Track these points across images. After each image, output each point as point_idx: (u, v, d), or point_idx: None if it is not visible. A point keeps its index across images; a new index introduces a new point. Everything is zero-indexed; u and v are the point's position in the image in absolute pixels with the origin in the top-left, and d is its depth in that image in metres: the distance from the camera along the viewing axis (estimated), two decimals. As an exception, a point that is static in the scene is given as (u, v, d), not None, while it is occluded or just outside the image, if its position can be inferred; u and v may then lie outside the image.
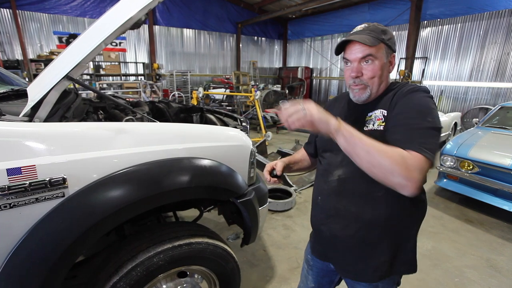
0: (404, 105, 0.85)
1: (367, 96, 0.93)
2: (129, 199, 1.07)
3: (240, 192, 1.46)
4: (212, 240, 1.38)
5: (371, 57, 0.89)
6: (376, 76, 0.91)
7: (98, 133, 1.11)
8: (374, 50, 0.88)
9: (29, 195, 0.94)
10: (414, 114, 0.82)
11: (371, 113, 0.93)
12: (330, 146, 1.00)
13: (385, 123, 0.88)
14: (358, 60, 0.90)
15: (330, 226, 1.01)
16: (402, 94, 0.88)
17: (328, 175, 1.01)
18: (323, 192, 1.04)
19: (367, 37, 0.87)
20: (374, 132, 0.88)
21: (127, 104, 2.13)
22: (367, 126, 0.92)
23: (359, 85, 0.92)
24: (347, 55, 0.92)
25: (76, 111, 1.41)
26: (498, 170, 2.97)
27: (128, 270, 1.16)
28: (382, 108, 0.91)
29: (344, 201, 0.96)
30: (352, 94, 0.96)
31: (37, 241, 0.96)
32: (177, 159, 1.25)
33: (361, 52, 0.89)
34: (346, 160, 0.87)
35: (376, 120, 0.90)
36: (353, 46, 0.90)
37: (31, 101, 1.05)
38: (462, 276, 2.22)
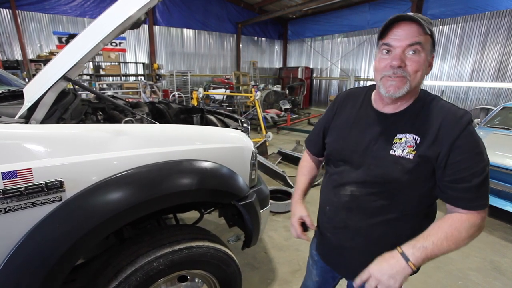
0: (464, 154, 0.76)
1: (404, 92, 0.80)
2: (128, 203, 1.05)
3: (242, 194, 1.44)
4: (213, 244, 1.36)
5: (419, 46, 0.76)
6: (419, 71, 0.79)
7: (96, 135, 1.09)
8: (424, 39, 0.77)
9: (25, 199, 0.92)
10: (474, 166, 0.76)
11: (402, 136, 0.83)
12: (347, 158, 0.94)
13: (415, 152, 0.80)
14: (404, 47, 0.77)
15: (337, 236, 0.99)
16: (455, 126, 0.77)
17: (340, 188, 0.95)
18: (332, 203, 0.99)
19: (422, 23, 0.75)
20: (402, 159, 0.81)
21: (126, 105, 2.11)
22: (394, 151, 0.83)
23: (400, 76, 0.79)
24: (391, 39, 0.79)
25: (74, 112, 1.39)
26: (501, 171, 2.95)
27: (127, 275, 1.13)
28: (416, 133, 0.81)
29: (355, 218, 0.93)
30: (385, 89, 0.82)
31: (34, 246, 0.94)
32: (177, 161, 1.23)
33: (411, 37, 0.76)
34: (362, 177, 0.88)
35: (407, 146, 0.82)
36: (401, 28, 0.77)
37: (28, 102, 1.02)
38: (466, 279, 2.20)
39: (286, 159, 4.96)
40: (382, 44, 0.82)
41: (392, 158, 0.82)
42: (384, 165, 0.84)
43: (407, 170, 0.80)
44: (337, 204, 0.97)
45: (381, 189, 0.86)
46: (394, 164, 0.82)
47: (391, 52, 0.80)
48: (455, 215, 0.80)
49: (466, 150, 0.76)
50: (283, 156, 5.00)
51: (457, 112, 0.80)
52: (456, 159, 0.77)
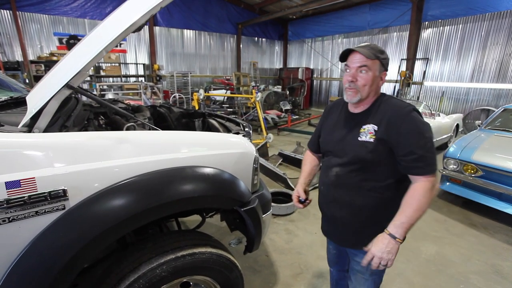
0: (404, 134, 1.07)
1: (357, 99, 1.14)
2: (131, 211, 1.05)
3: (244, 200, 1.44)
4: (215, 250, 1.36)
5: (366, 67, 1.09)
6: (367, 85, 1.11)
7: (98, 143, 1.09)
8: (370, 63, 1.09)
9: (28, 209, 0.92)
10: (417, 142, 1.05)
11: (365, 126, 1.15)
12: (332, 148, 1.28)
13: (375, 136, 1.11)
14: (356, 68, 1.11)
15: (330, 209, 1.31)
16: (396, 119, 1.09)
17: (329, 171, 1.27)
18: (325, 183, 1.31)
19: (367, 51, 1.08)
20: (366, 143, 1.13)
21: (128, 109, 2.11)
22: (361, 137, 1.15)
23: (353, 89, 1.13)
24: (349, 62, 1.14)
25: (77, 119, 1.39)
26: (503, 173, 2.95)
27: (130, 282, 1.13)
28: (374, 123, 1.13)
29: (340, 191, 1.24)
30: (346, 96, 1.17)
31: (37, 255, 0.94)
32: (180, 168, 1.23)
33: (359, 62, 1.10)
34: (341, 160, 1.21)
35: (368, 133, 1.13)
36: (354, 56, 1.11)
37: (31, 111, 1.02)
38: (467, 282, 2.20)
39: (287, 161, 4.96)
40: (345, 65, 1.16)
41: (359, 143, 1.14)
42: (355, 149, 1.15)
43: (370, 150, 1.11)
44: (327, 183, 1.28)
45: (356, 167, 1.17)
46: (361, 147, 1.14)
47: (349, 71, 1.13)
48: (412, 189, 1.07)
49: (409, 131, 1.06)
50: (284, 158, 5.00)
51: (401, 105, 1.13)
52: (402, 138, 1.07)
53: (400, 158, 1.09)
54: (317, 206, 1.40)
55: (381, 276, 1.35)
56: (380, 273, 1.32)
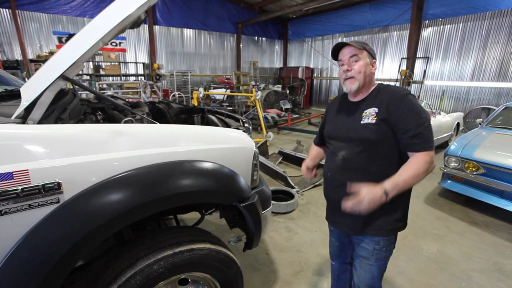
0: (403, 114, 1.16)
1: (357, 87, 1.24)
2: (127, 205, 1.02)
3: (243, 195, 1.41)
4: (214, 246, 1.33)
5: (356, 57, 1.22)
6: (361, 72, 1.22)
7: (95, 136, 1.06)
8: (359, 52, 1.22)
9: (21, 201, 0.89)
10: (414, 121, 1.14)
11: (366, 110, 1.24)
12: (335, 135, 1.37)
13: (376, 118, 1.20)
14: (348, 58, 1.24)
15: (337, 194, 1.31)
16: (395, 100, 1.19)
17: (335, 156, 1.33)
18: (332, 169, 1.35)
19: (355, 43, 1.23)
20: (369, 124, 1.21)
21: (126, 104, 2.08)
22: (363, 120, 1.23)
23: (350, 77, 1.24)
24: (341, 56, 1.27)
25: (73, 112, 1.36)
26: (504, 171, 2.92)
27: (127, 278, 1.11)
28: (375, 106, 1.22)
29: (347, 174, 1.28)
30: (345, 87, 1.28)
31: (31, 250, 0.91)
32: (178, 162, 1.20)
33: (349, 52, 1.23)
34: (346, 144, 1.29)
35: (370, 116, 1.22)
36: (344, 50, 1.26)
37: (25, 102, 1.00)
38: (470, 281, 2.17)
39: (287, 159, 4.94)
40: (338, 61, 1.29)
41: (363, 125, 1.23)
42: (359, 131, 1.23)
43: (373, 130, 1.20)
44: (334, 168, 1.34)
45: (361, 148, 1.24)
46: (364, 128, 1.22)
47: (343, 64, 1.26)
48: (414, 158, 1.15)
49: (406, 112, 1.16)
50: (284, 156, 4.98)
51: (398, 89, 1.24)
52: (401, 118, 1.16)
53: (400, 136, 1.18)
54: (318, 204, 1.40)
55: (386, 263, 1.36)
56: (385, 259, 1.35)
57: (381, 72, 9.90)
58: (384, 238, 1.30)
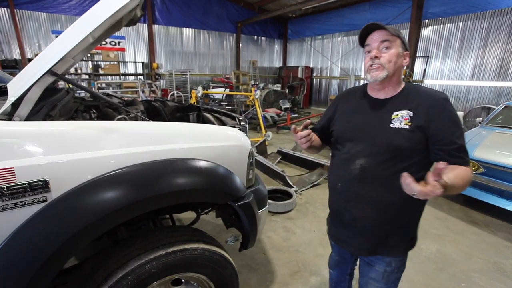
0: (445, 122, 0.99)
1: (384, 76, 1.03)
2: (117, 204, 1.00)
3: (238, 194, 1.39)
4: (208, 246, 1.31)
5: (388, 42, 1.02)
6: (392, 61, 1.02)
7: (84, 133, 1.04)
8: (392, 37, 1.03)
9: (6, 200, 0.87)
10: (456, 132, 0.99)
11: (398, 112, 1.04)
12: (351, 137, 1.13)
13: (411, 123, 1.01)
14: (378, 43, 1.04)
15: (350, 210, 1.13)
16: (436, 106, 1.01)
17: (349, 164, 1.11)
18: (344, 178, 1.14)
19: (388, 27, 1.03)
20: (401, 129, 1.02)
21: (121, 103, 2.06)
22: (394, 124, 1.03)
23: (377, 65, 1.03)
24: (369, 41, 1.07)
25: (63, 110, 1.34)
26: (504, 170, 2.89)
27: (118, 279, 1.08)
28: (409, 109, 1.03)
29: (366, 187, 1.08)
30: (370, 75, 1.06)
31: (17, 250, 0.89)
32: (171, 160, 1.18)
33: (381, 37, 1.03)
34: (367, 150, 1.07)
35: (403, 119, 1.02)
36: (374, 34, 1.06)
37: (11, 97, 0.97)
38: (469, 281, 2.15)
39: (286, 158, 4.91)
40: (365, 47, 1.10)
41: (393, 130, 1.03)
42: (387, 136, 1.03)
43: (407, 137, 1.01)
44: (348, 178, 1.11)
45: (387, 157, 1.04)
46: (395, 134, 1.02)
47: (371, 51, 1.06)
48: (459, 167, 0.96)
49: (449, 120, 1.00)
50: (283, 156, 4.95)
51: (438, 94, 1.05)
52: (444, 127, 0.99)
53: (439, 148, 1.00)
54: (316, 204, 1.26)
55: (396, 285, 1.23)
56: (396, 281, 1.22)
57: (381, 72, 9.85)
58: (397, 259, 1.16)
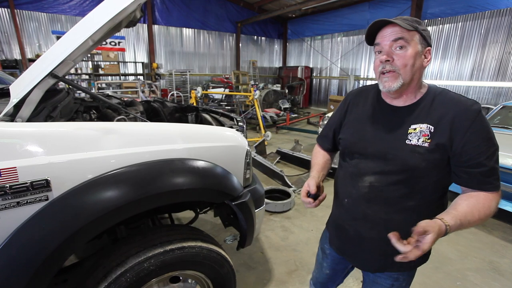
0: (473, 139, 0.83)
1: (399, 85, 0.86)
2: (116, 203, 1.02)
3: (235, 194, 1.41)
4: (206, 244, 1.34)
5: (403, 41, 0.84)
6: (408, 65, 0.85)
7: (84, 134, 1.07)
8: (407, 34, 0.84)
9: (9, 199, 0.90)
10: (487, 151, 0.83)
11: (416, 126, 0.88)
12: (361, 150, 0.98)
13: (430, 140, 0.86)
14: (390, 43, 0.85)
15: (356, 228, 1.02)
16: (467, 117, 0.83)
17: (358, 180, 0.98)
18: (351, 195, 1.02)
19: (402, 22, 0.84)
20: (418, 148, 0.86)
21: (121, 103, 2.09)
22: (410, 140, 0.88)
23: (390, 71, 0.86)
24: (379, 39, 0.88)
25: (64, 111, 1.36)
26: (501, 170, 2.91)
27: (117, 276, 1.11)
28: (429, 123, 0.87)
29: (374, 207, 0.96)
30: (382, 85, 0.90)
31: (19, 247, 0.92)
32: (168, 160, 1.20)
33: (393, 34, 0.84)
34: (379, 167, 0.93)
35: (422, 135, 0.87)
36: (385, 30, 0.87)
37: (14, 99, 1.00)
38: (465, 280, 2.17)
39: (285, 158, 4.94)
40: (375, 46, 0.91)
41: (409, 147, 0.87)
42: (402, 154, 0.88)
43: (424, 157, 0.85)
44: (356, 196, 0.99)
45: (400, 178, 0.90)
46: (411, 153, 0.86)
47: (382, 52, 0.88)
48: (474, 194, 0.84)
49: (479, 137, 0.82)
50: (282, 156, 4.98)
51: (467, 102, 0.86)
52: (471, 145, 0.82)
53: (462, 169, 0.85)
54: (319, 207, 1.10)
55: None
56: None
57: (380, 72, 9.89)
58: (405, 273, 1.05)
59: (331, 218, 1.21)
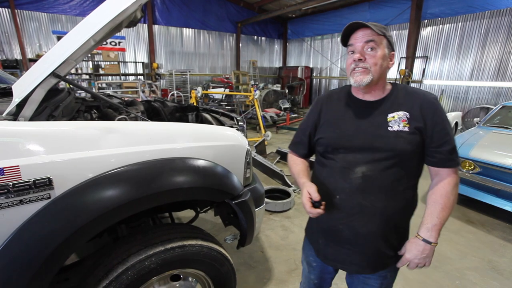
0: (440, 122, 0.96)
1: (368, 81, 0.95)
2: (118, 201, 1.03)
3: (235, 193, 1.42)
4: (206, 243, 1.35)
5: (374, 43, 0.94)
6: (377, 64, 0.95)
7: (86, 133, 1.08)
8: (377, 38, 0.95)
9: (12, 197, 0.91)
10: (449, 132, 0.97)
11: (394, 114, 0.98)
12: (346, 144, 1.02)
13: (409, 124, 0.96)
14: (362, 44, 0.95)
15: (351, 224, 1.02)
16: (430, 105, 0.98)
17: (349, 173, 1.00)
18: (344, 190, 1.02)
19: (373, 26, 0.94)
20: (401, 132, 0.96)
21: (121, 103, 2.10)
22: (392, 127, 0.97)
23: (362, 68, 0.95)
24: (352, 40, 0.98)
25: (66, 110, 1.37)
26: (500, 170, 2.93)
27: (118, 274, 1.12)
28: (404, 110, 0.98)
29: (370, 197, 0.99)
30: (354, 79, 0.98)
31: (21, 245, 0.93)
32: (169, 159, 1.21)
33: (365, 37, 0.95)
34: (369, 156, 0.98)
35: (401, 121, 0.97)
36: (358, 33, 0.97)
37: (16, 99, 1.01)
38: (464, 279, 2.18)
39: (285, 158, 4.95)
40: (348, 47, 1.00)
41: (393, 133, 0.96)
42: (389, 141, 0.96)
43: (408, 140, 0.95)
44: (349, 189, 1.00)
45: (390, 164, 0.97)
46: (396, 138, 0.95)
47: (355, 52, 0.98)
48: (440, 187, 0.99)
49: (442, 120, 0.97)
50: (282, 155, 4.99)
51: (427, 93, 1.02)
52: (438, 127, 0.96)
53: (434, 150, 0.97)
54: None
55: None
56: None
57: (380, 72, 9.91)
58: (391, 270, 1.11)
59: (315, 225, 1.17)
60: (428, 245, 0.97)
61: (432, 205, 0.99)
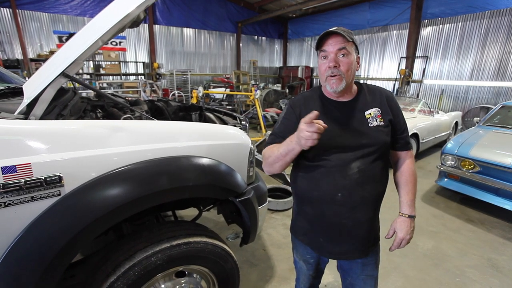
0: (399, 112, 1.16)
1: (343, 87, 1.03)
2: (125, 198, 1.06)
3: (239, 191, 1.45)
4: (210, 240, 1.37)
5: (346, 50, 1.01)
6: (350, 69, 1.02)
7: (95, 131, 1.10)
8: (348, 44, 1.01)
9: (24, 194, 0.93)
10: (404, 120, 1.17)
11: (370, 111, 1.09)
12: (339, 144, 1.06)
13: (383, 119, 1.10)
14: (336, 51, 1.01)
15: (354, 216, 1.09)
16: (391, 99, 1.15)
17: (346, 170, 1.06)
18: (345, 186, 1.06)
19: (345, 33, 1.00)
20: (380, 126, 1.08)
21: (125, 102, 2.12)
22: (371, 123, 1.08)
23: (336, 75, 1.01)
24: (326, 47, 1.02)
25: (73, 109, 1.40)
26: (500, 169, 2.95)
27: (125, 270, 1.15)
28: (376, 106, 1.11)
29: (368, 188, 1.08)
30: (330, 86, 1.04)
31: (33, 241, 0.95)
32: (175, 157, 1.24)
33: (338, 44, 1.00)
34: (360, 152, 1.06)
35: (377, 117, 1.09)
36: (330, 39, 1.02)
37: (27, 98, 1.03)
38: (463, 276, 2.21)
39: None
40: (320, 52, 1.05)
41: (374, 129, 1.07)
42: (374, 135, 1.07)
43: (386, 132, 1.09)
44: (350, 185, 1.06)
45: (377, 155, 1.08)
46: (378, 132, 1.08)
47: (328, 57, 1.02)
48: (406, 167, 1.18)
49: (400, 111, 1.16)
50: (283, 155, 5.00)
51: (384, 89, 1.18)
52: (399, 117, 1.14)
53: (398, 137, 1.15)
54: None
55: None
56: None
57: (380, 72, 9.93)
58: (378, 244, 1.24)
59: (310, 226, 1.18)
60: (413, 219, 1.15)
61: (406, 184, 1.16)
